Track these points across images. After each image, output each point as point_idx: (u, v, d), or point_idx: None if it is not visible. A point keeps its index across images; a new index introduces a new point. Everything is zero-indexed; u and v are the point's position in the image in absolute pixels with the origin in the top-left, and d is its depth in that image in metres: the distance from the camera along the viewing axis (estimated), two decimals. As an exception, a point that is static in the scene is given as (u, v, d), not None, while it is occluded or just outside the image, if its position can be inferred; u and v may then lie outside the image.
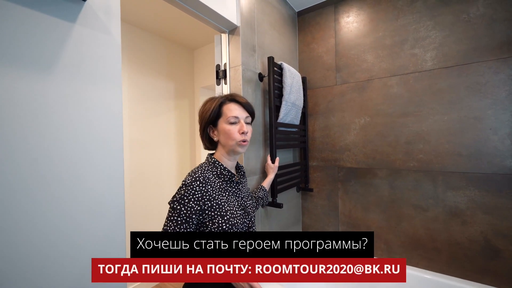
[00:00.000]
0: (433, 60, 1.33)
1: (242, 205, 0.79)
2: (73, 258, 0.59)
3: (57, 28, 0.58)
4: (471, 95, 1.24)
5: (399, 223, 1.44)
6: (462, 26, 1.26)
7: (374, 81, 1.52)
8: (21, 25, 0.53)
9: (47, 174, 0.56)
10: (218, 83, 1.27)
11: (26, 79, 0.53)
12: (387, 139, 1.48)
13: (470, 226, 1.25)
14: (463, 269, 1.26)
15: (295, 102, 1.46)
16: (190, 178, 0.70)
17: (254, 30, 1.32)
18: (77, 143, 0.61)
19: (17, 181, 0.51)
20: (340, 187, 1.66)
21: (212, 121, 0.79)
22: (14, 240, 0.51)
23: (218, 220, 0.69)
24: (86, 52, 0.63)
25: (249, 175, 1.26)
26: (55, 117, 0.57)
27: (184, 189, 0.67)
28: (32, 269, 0.53)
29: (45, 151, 0.55)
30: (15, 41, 0.52)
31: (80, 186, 0.61)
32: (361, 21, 1.56)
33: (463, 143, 1.26)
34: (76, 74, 0.61)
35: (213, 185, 0.72)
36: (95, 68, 0.64)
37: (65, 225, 0.58)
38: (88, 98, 0.63)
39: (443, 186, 1.31)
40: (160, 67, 2.23)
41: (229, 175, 0.77)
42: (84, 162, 0.62)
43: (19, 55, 0.52)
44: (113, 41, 0.68)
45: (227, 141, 0.76)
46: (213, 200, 0.70)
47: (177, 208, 0.66)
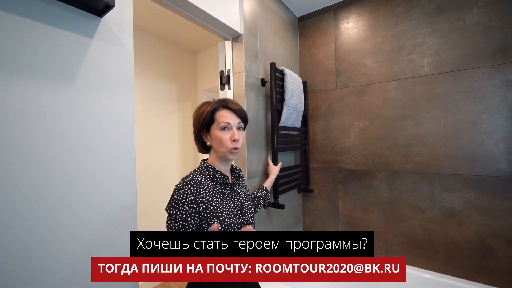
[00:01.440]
0: (430, 66, 1.38)
1: (238, 206, 0.80)
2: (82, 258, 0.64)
3: (76, 43, 0.62)
4: (467, 99, 1.29)
5: (398, 223, 1.49)
6: (458, 33, 1.30)
7: (373, 86, 1.56)
8: (42, 41, 0.57)
9: (63, 178, 0.60)
10: (222, 88, 1.32)
11: (48, 90, 0.58)
12: (386, 141, 1.52)
13: (466, 226, 1.29)
14: (459, 268, 1.31)
15: (296, 106, 1.50)
16: (182, 182, 0.71)
17: (256, 37, 1.36)
18: (93, 149, 0.66)
19: (40, 185, 0.56)
20: (340, 188, 1.70)
21: (205, 126, 0.80)
22: (33, 242, 0.56)
23: (214, 221, 0.70)
24: (102, 64, 0.67)
25: (251, 177, 1.30)
26: (72, 124, 0.62)
27: (176, 194, 0.68)
28: (42, 267, 0.58)
29: (62, 157, 0.60)
30: (38, 55, 0.57)
31: (94, 189, 0.66)
32: (360, 27, 1.61)
33: (459, 146, 1.30)
34: (93, 84, 0.66)
35: (206, 188, 0.73)
36: (110, 79, 0.69)
37: (75, 226, 0.63)
38: (103, 106, 0.68)
39: (440, 188, 1.36)
40: (164, 69, 2.28)
41: (222, 177, 0.78)
42: (100, 166, 0.67)
43: (41, 69, 0.57)
44: (126, 52, 0.73)
45: (218, 148, 0.77)
46: (207, 202, 0.70)
47: (173, 213, 0.67)
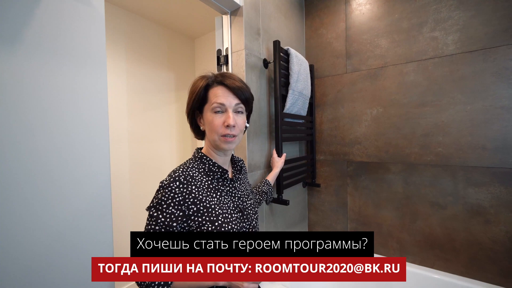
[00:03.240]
0: (456, 44, 1.21)
1: (239, 206, 0.68)
2: (66, 256, 0.52)
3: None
4: (499, 82, 1.12)
5: (414, 221, 1.35)
6: (491, 5, 1.13)
7: (388, 68, 1.40)
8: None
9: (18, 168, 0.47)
10: (219, 70, 1.17)
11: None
12: (402, 131, 1.37)
13: (494, 225, 1.15)
14: (484, 272, 1.17)
15: (302, 91, 1.35)
16: (169, 178, 0.59)
17: (259, 12, 1.20)
18: (53, 135, 0.52)
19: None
20: (349, 182, 1.56)
21: (198, 107, 0.66)
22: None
23: (208, 226, 0.58)
24: (61, 25, 0.53)
25: (252, 170, 1.17)
26: (13, 96, 0.48)
27: (161, 192, 0.57)
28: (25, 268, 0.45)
29: (14, 143, 0.47)
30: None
31: (59, 182, 0.53)
32: (374, 2, 1.43)
33: (488, 135, 1.15)
34: (48, 49, 0.51)
35: (199, 185, 0.61)
36: (73, 44, 0.55)
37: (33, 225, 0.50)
38: (65, 79, 0.54)
39: (464, 182, 1.21)
40: (161, 57, 2.13)
41: (220, 171, 0.66)
42: (64, 156, 0.53)
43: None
44: (95, 13, 0.58)
45: (210, 134, 0.64)
46: (199, 203, 0.59)
47: (154, 215, 0.56)
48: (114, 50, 1.77)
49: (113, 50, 1.77)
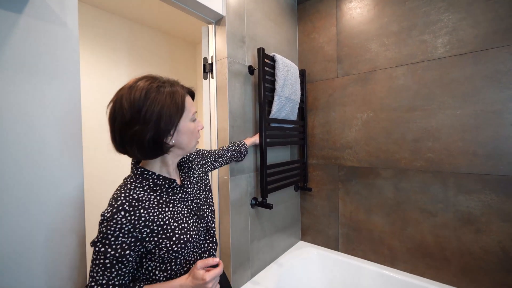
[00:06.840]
0: (445, 47, 1.18)
1: (193, 210, 0.67)
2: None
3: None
4: (490, 85, 1.08)
5: (405, 228, 1.32)
6: (481, 7, 1.09)
7: (378, 72, 1.38)
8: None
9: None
10: (205, 77, 1.21)
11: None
12: (392, 136, 1.34)
13: (486, 234, 1.10)
14: (476, 282, 1.12)
15: (289, 96, 1.36)
16: (111, 209, 0.52)
17: (243, 20, 1.23)
18: (24, 152, 0.58)
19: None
20: (340, 187, 1.55)
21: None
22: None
23: (166, 243, 0.57)
24: (34, 46, 0.59)
25: (239, 174, 1.19)
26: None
27: (105, 226, 0.52)
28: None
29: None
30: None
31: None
32: (364, 6, 1.42)
33: (479, 141, 1.11)
34: (22, 68, 0.57)
35: (148, 205, 0.57)
36: (45, 63, 0.61)
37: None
38: (31, 97, 0.59)
39: (455, 189, 1.17)
40: (162, 63, 2.22)
41: (167, 182, 0.62)
42: (31, 170, 0.59)
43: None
44: (69, 33, 0.64)
45: (190, 142, 0.63)
46: (151, 224, 0.56)
47: (102, 250, 0.51)
48: (115, 58, 1.87)
49: (115, 58, 1.87)
